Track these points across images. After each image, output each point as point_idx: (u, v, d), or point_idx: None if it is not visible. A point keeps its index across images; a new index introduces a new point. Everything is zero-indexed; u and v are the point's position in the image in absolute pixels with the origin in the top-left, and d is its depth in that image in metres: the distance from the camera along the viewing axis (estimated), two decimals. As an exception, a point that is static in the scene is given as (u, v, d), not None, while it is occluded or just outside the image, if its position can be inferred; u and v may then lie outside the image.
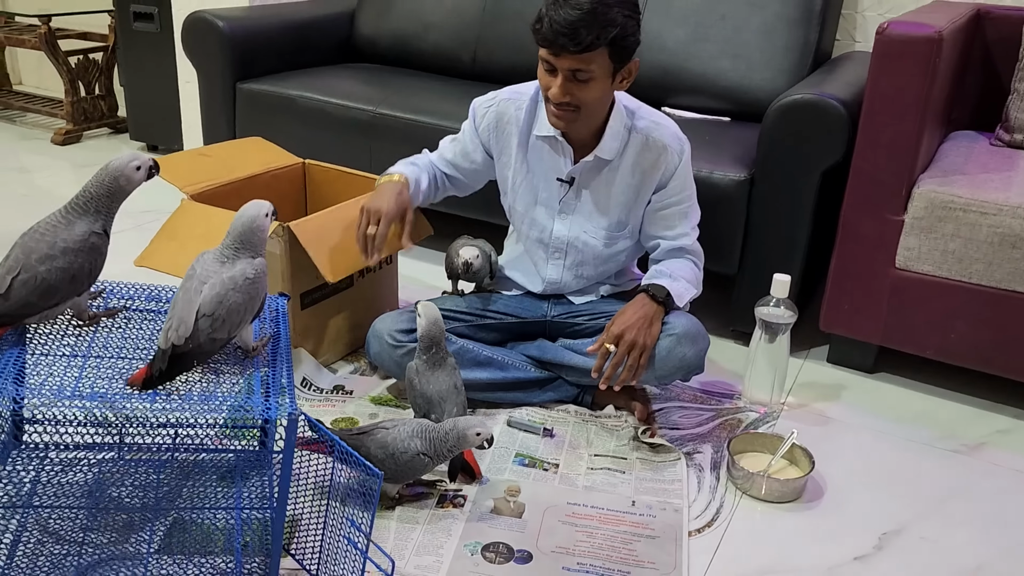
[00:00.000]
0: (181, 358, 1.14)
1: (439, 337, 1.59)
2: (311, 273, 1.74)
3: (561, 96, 1.54)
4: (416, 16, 2.80)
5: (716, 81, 2.37)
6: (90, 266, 1.21)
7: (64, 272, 1.17)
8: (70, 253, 1.18)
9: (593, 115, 1.61)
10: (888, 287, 1.85)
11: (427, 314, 1.58)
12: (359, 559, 1.19)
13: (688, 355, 1.63)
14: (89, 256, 1.20)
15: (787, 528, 1.48)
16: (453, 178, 1.84)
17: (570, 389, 1.79)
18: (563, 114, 1.58)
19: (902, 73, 1.69)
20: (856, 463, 1.67)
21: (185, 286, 1.19)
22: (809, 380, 1.96)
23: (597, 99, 1.57)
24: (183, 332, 1.13)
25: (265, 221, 1.25)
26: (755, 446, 1.65)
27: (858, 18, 2.47)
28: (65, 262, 1.17)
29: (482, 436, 1.43)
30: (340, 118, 2.41)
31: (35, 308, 1.17)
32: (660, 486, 1.56)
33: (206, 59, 2.57)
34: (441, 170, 1.84)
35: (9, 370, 1.12)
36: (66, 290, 1.19)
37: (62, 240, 1.18)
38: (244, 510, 1.35)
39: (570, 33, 1.46)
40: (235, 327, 1.19)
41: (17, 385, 1.09)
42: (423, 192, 1.78)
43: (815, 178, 1.88)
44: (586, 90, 1.54)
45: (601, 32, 1.47)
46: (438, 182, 1.84)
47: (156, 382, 1.12)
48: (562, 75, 1.52)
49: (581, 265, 1.78)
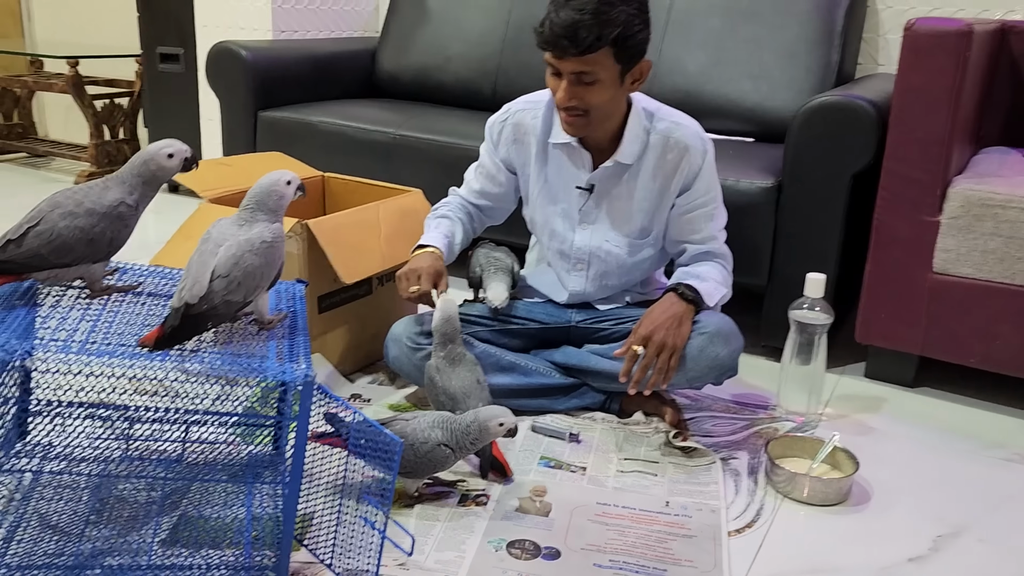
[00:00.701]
0: (194, 319, 1.08)
1: (453, 334, 1.52)
2: (329, 276, 1.70)
3: (567, 100, 1.51)
4: (438, 49, 2.83)
5: (738, 103, 2.35)
6: (112, 234, 1.17)
7: (82, 232, 1.13)
8: (94, 215, 1.14)
9: (605, 119, 1.57)
10: (926, 293, 1.78)
11: (443, 308, 1.52)
12: (376, 540, 1.11)
13: (721, 354, 1.55)
14: (112, 223, 1.16)
15: (833, 529, 1.38)
16: (485, 208, 1.80)
17: (596, 396, 1.71)
18: (573, 119, 1.54)
19: (932, 67, 1.66)
20: (902, 469, 1.57)
21: (200, 248, 1.14)
22: (846, 393, 1.87)
23: (605, 102, 1.53)
24: (197, 291, 1.08)
25: (286, 188, 1.21)
26: (794, 450, 1.56)
27: (880, 41, 2.46)
28: (86, 222, 1.14)
29: (505, 426, 1.35)
30: (360, 141, 2.41)
31: (45, 262, 1.13)
32: (695, 488, 1.47)
33: (229, 88, 2.59)
34: (473, 203, 1.80)
35: (19, 324, 1.07)
36: (81, 252, 1.14)
37: (90, 201, 1.15)
38: (256, 493, 1.27)
39: (570, 35, 1.43)
40: (251, 291, 1.14)
41: (26, 339, 1.04)
42: (459, 245, 1.73)
43: (846, 182, 1.83)
44: (592, 93, 1.50)
45: (602, 32, 1.43)
46: (473, 222, 1.80)
47: (168, 342, 1.06)
48: (566, 79, 1.49)
49: (605, 276, 1.72)
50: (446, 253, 1.68)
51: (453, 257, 1.73)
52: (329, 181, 2.07)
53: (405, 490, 1.38)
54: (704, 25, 2.44)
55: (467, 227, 1.78)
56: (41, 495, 1.30)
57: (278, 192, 1.20)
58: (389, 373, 1.84)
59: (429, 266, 1.61)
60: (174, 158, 1.21)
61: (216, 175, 1.88)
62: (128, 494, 1.33)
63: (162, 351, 1.06)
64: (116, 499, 1.31)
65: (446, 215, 1.76)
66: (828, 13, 2.31)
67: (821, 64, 2.29)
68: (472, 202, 1.80)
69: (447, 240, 1.70)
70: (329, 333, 1.76)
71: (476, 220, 1.81)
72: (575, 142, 1.63)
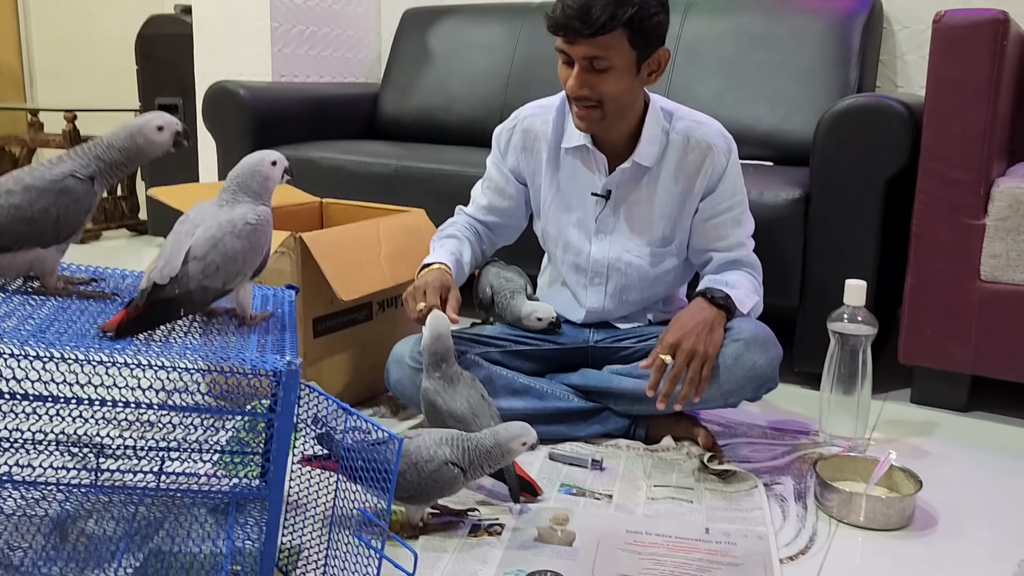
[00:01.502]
0: (164, 304, 0.95)
1: (445, 353, 1.37)
2: (325, 296, 1.57)
3: (578, 88, 1.40)
4: (441, 90, 2.76)
5: (754, 127, 2.25)
6: (58, 211, 1.02)
7: (17, 211, 1.00)
8: (32, 191, 1.01)
9: (620, 114, 1.46)
10: (975, 304, 1.64)
11: (432, 325, 1.37)
12: (374, 561, 0.94)
13: (759, 363, 1.40)
14: (56, 198, 1.02)
15: (899, 555, 1.20)
16: (494, 225, 1.68)
17: (619, 421, 1.55)
18: (585, 112, 1.43)
19: (967, 58, 1.56)
20: (968, 491, 1.39)
21: (176, 229, 1.02)
22: (893, 419, 1.71)
23: (621, 92, 1.41)
24: (168, 272, 0.95)
25: (271, 170, 1.09)
26: (846, 472, 1.39)
27: (898, 63, 2.38)
28: (23, 199, 1.00)
29: (527, 444, 1.20)
30: (361, 175, 2.31)
31: None
32: (737, 514, 1.30)
33: (226, 128, 2.51)
34: (480, 222, 1.68)
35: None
36: (20, 233, 1.00)
37: (31, 177, 1.02)
38: (238, 526, 1.10)
39: (582, 14, 1.32)
40: (231, 278, 1.01)
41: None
42: (468, 264, 1.60)
43: (879, 188, 1.70)
44: (606, 81, 1.39)
45: (616, 11, 1.33)
46: (482, 241, 1.67)
47: (132, 328, 0.92)
48: (578, 65, 1.38)
49: (625, 290, 1.58)
50: (454, 270, 1.55)
51: (463, 277, 1.59)
52: (327, 207, 1.96)
53: (408, 520, 1.22)
54: (715, 52, 2.37)
55: (475, 246, 1.65)
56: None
57: (262, 173, 1.08)
58: (391, 404, 1.69)
59: (435, 279, 1.48)
60: (164, 131, 1.08)
61: (203, 197, 1.76)
62: (94, 528, 1.17)
63: (124, 339, 0.92)
64: (79, 533, 1.15)
65: (452, 234, 1.63)
66: (843, 33, 2.23)
67: (839, 84, 2.20)
68: (480, 219, 1.68)
69: (454, 258, 1.57)
70: (325, 360, 1.62)
71: (485, 239, 1.68)
72: (589, 144, 1.51)
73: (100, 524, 1.18)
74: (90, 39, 4.07)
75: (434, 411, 1.37)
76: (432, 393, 1.37)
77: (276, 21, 2.79)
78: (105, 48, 4.03)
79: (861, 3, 2.27)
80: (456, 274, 1.55)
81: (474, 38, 2.77)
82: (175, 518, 1.20)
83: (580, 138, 1.52)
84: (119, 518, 1.20)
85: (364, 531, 1.02)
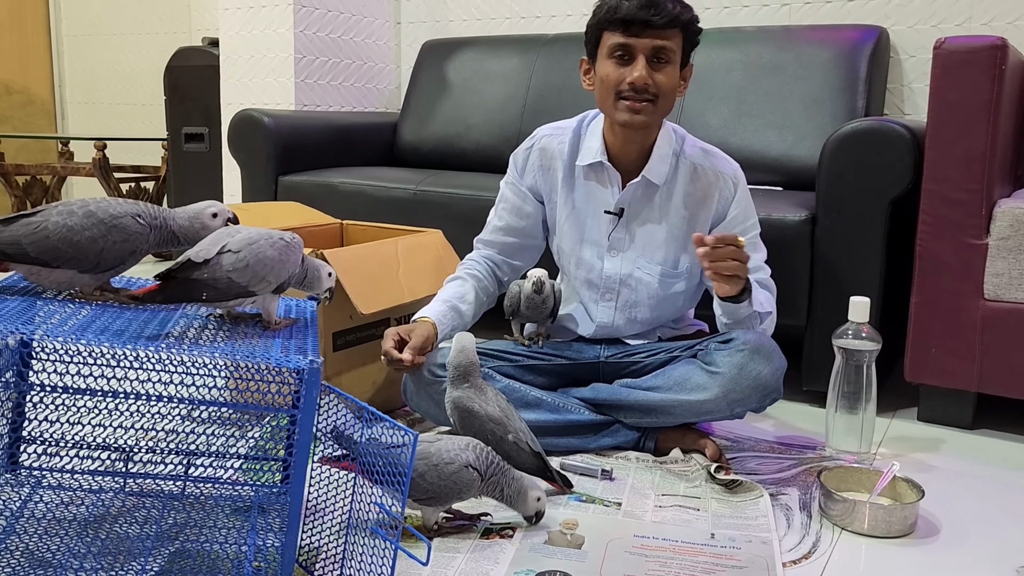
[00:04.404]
0: (191, 284, 1.01)
1: (468, 366, 1.42)
2: (345, 311, 1.63)
3: (646, 78, 1.46)
4: (459, 118, 2.84)
5: (764, 153, 2.31)
6: (104, 244, 1.09)
7: (69, 231, 1.06)
8: (92, 218, 1.08)
9: (666, 111, 1.53)
10: (979, 322, 1.67)
11: (459, 341, 1.43)
12: (388, 551, 0.99)
13: (763, 373, 1.44)
14: (109, 232, 1.09)
15: (901, 560, 1.23)
16: (513, 249, 1.71)
17: (629, 434, 1.59)
18: (642, 106, 1.48)
19: (966, 82, 1.61)
20: (971, 503, 1.42)
21: (218, 231, 1.09)
22: (900, 435, 1.73)
23: (672, 89, 1.51)
24: (202, 254, 1.02)
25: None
26: (850, 483, 1.42)
27: (905, 91, 2.43)
28: (78, 223, 1.07)
29: (540, 505, 1.26)
30: (381, 198, 2.38)
31: (21, 254, 1.05)
32: (742, 521, 1.33)
33: (250, 154, 2.60)
34: (497, 249, 1.72)
35: (16, 311, 1.00)
36: (65, 253, 1.06)
37: (97, 206, 1.09)
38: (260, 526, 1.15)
39: (653, 5, 1.42)
40: (257, 280, 1.07)
41: (24, 324, 0.96)
42: (470, 304, 1.63)
43: (884, 208, 1.75)
44: (665, 74, 1.48)
45: (682, 10, 1.45)
46: (499, 269, 1.72)
47: (156, 296, 0.99)
48: (642, 56, 1.46)
49: (634, 306, 1.63)
50: (448, 318, 1.59)
51: (463, 318, 1.63)
52: (348, 228, 2.03)
53: (424, 522, 1.26)
54: (725, 80, 2.43)
55: (485, 282, 1.68)
56: (25, 528, 1.19)
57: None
58: (408, 419, 1.74)
59: (407, 327, 1.54)
60: (217, 218, 1.18)
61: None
62: (122, 528, 1.22)
63: (158, 341, 0.98)
64: (108, 533, 1.20)
65: (459, 275, 1.68)
66: (850, 62, 2.29)
67: (847, 110, 2.25)
68: (497, 244, 1.72)
69: (447, 305, 1.61)
70: (344, 373, 1.67)
71: (502, 268, 1.73)
72: (605, 160, 1.57)
73: (128, 524, 1.23)
74: (120, 71, 4.21)
75: (470, 416, 1.40)
76: (466, 400, 1.41)
77: (300, 53, 2.89)
78: (134, 79, 4.16)
79: (867, 33, 2.33)
80: (453, 318, 1.60)
81: (491, 68, 2.85)
82: (200, 519, 1.25)
83: (596, 154, 1.58)
84: (146, 519, 1.25)
85: (380, 526, 1.06)
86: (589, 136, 1.62)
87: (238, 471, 1.30)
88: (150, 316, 1.09)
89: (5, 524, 1.16)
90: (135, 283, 1.29)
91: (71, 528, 1.20)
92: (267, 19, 2.90)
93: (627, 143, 1.56)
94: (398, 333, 1.53)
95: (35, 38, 4.32)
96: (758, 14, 2.60)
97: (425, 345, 1.52)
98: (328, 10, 2.96)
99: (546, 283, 1.60)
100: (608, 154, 1.58)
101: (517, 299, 1.63)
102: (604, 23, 1.48)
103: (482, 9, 3.08)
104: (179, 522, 1.24)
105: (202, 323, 1.11)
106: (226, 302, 1.06)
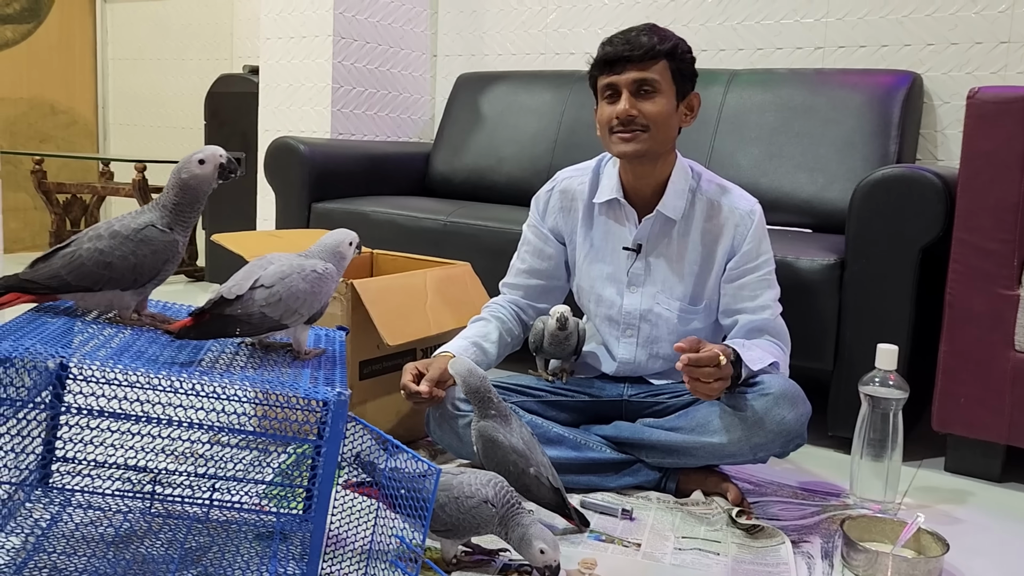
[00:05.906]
0: (224, 320, 1.04)
1: (480, 389, 1.40)
2: (372, 341, 1.65)
3: (630, 109, 1.50)
4: (491, 151, 2.88)
5: (794, 195, 2.31)
6: (136, 260, 1.12)
7: (100, 254, 1.10)
8: (117, 237, 1.11)
9: (663, 141, 1.53)
10: (1009, 374, 1.65)
11: (456, 370, 1.41)
12: (408, 587, 1.00)
13: (787, 418, 1.44)
14: (137, 247, 1.12)
15: (925, 616, 1.21)
16: (537, 291, 1.73)
17: (651, 474, 1.59)
18: (633, 135, 1.51)
19: (1000, 132, 1.61)
20: (998, 559, 1.40)
21: (252, 263, 1.11)
22: (926, 485, 1.71)
23: (665, 118, 1.51)
24: (235, 291, 1.04)
25: (349, 249, 1.20)
26: (873, 533, 1.40)
27: (939, 137, 2.43)
28: (107, 245, 1.10)
29: (546, 558, 1.18)
30: (411, 228, 2.41)
31: (64, 285, 1.09)
32: (763, 568, 1.32)
33: (285, 180, 2.65)
34: (521, 292, 1.73)
35: (55, 335, 1.03)
36: (100, 276, 1.10)
37: (120, 224, 1.13)
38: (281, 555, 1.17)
39: (628, 43, 1.49)
40: (289, 314, 1.09)
41: (63, 348, 0.99)
42: (494, 343, 1.65)
43: (914, 255, 1.74)
44: (653, 103, 1.51)
45: (659, 41, 1.49)
46: (524, 312, 1.73)
47: (191, 332, 1.01)
48: (626, 91, 1.51)
49: (655, 342, 1.64)
50: (470, 353, 1.60)
51: (487, 356, 1.64)
52: (378, 257, 2.06)
53: (443, 555, 1.27)
54: (757, 121, 2.44)
55: (510, 324, 1.70)
56: (54, 546, 1.22)
57: (342, 251, 1.20)
58: (431, 450, 1.75)
59: (425, 362, 1.56)
60: (207, 163, 1.16)
61: (265, 243, 1.87)
62: (146, 549, 1.24)
63: (182, 339, 1.00)
64: (133, 553, 1.22)
65: (483, 316, 1.70)
66: (884, 106, 2.29)
67: (879, 155, 2.25)
68: (521, 287, 1.74)
69: (469, 342, 1.62)
70: (370, 402, 1.69)
71: (527, 312, 1.74)
72: (621, 197, 1.59)
73: (152, 545, 1.25)
74: (162, 95, 4.31)
75: (494, 447, 1.39)
76: (491, 430, 1.39)
77: (337, 83, 2.94)
78: (176, 104, 4.26)
79: (901, 78, 2.33)
80: (476, 354, 1.61)
81: (524, 102, 2.89)
82: (223, 543, 1.27)
83: (612, 191, 1.60)
84: (171, 541, 1.27)
85: (399, 558, 1.07)
86: (606, 175, 1.65)
87: (263, 497, 1.32)
88: (184, 342, 1.11)
89: (35, 541, 1.19)
90: (170, 307, 1.31)
91: (97, 547, 1.22)
92: (307, 49, 2.97)
93: (637, 178, 1.58)
94: (416, 367, 1.54)
95: (82, 60, 4.45)
96: (791, 56, 2.62)
97: (443, 378, 1.53)
98: (367, 42, 3.03)
99: (570, 319, 1.61)
100: (624, 191, 1.61)
101: (541, 335, 1.64)
102: (594, 69, 1.55)
103: (517, 44, 3.13)
104: (202, 545, 1.25)
105: (233, 351, 1.13)
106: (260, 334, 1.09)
